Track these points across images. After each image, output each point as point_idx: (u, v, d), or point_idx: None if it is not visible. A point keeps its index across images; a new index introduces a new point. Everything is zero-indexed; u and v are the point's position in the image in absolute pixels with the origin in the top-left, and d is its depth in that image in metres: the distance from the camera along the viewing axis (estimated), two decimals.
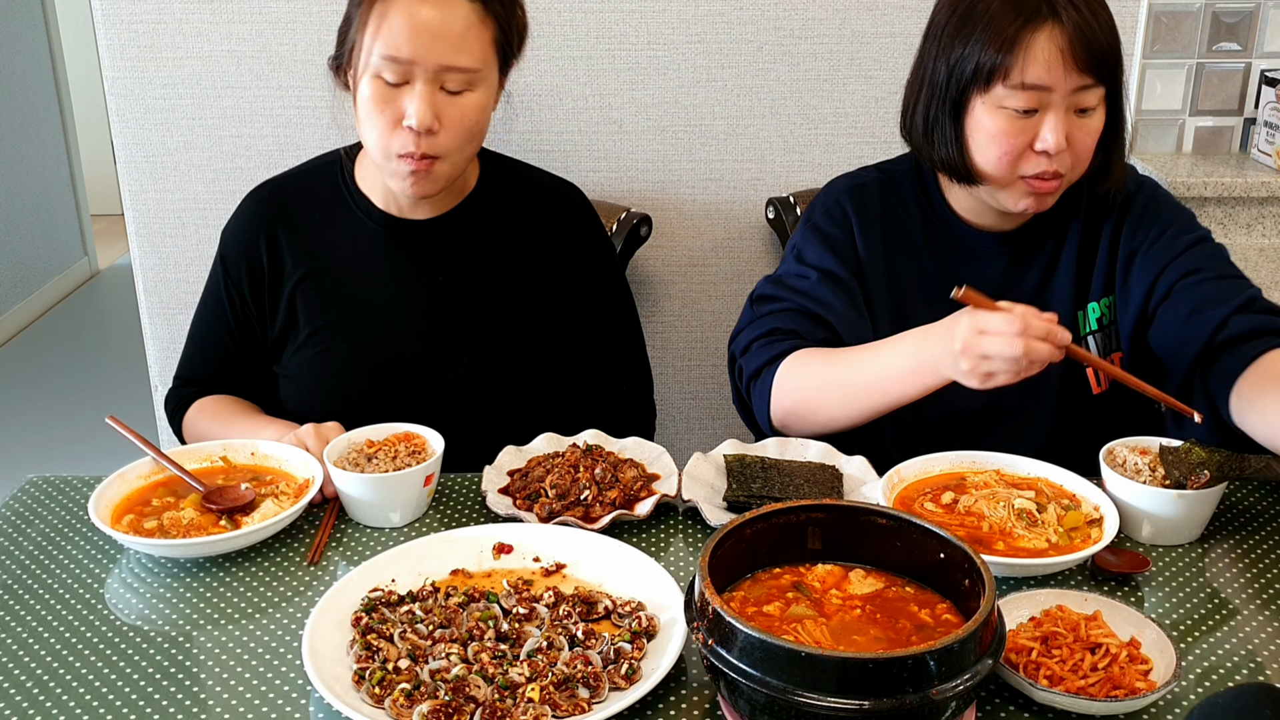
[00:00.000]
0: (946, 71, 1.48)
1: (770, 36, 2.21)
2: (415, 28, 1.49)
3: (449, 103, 1.52)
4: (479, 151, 1.71)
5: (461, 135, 1.54)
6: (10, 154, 5.04)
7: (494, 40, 1.55)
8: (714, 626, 0.99)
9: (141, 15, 2.17)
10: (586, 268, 1.75)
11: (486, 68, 1.54)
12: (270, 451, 1.49)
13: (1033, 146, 1.46)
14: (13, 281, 5.08)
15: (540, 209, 1.73)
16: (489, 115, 1.59)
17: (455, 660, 1.11)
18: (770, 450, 1.49)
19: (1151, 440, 1.40)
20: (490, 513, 1.41)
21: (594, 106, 2.25)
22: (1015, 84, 1.44)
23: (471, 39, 1.51)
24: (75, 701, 1.11)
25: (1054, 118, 1.45)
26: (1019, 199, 1.51)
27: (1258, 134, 2.27)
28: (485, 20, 1.53)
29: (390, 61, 1.49)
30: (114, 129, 2.25)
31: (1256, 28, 2.26)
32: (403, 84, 1.51)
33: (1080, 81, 1.44)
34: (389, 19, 1.50)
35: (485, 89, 1.55)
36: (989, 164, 1.49)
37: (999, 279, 1.60)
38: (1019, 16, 1.43)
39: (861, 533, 1.13)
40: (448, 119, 1.52)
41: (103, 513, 1.35)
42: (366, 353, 1.68)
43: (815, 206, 1.66)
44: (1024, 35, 1.42)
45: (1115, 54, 1.47)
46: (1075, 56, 1.42)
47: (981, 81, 1.46)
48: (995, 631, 0.99)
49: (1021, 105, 1.45)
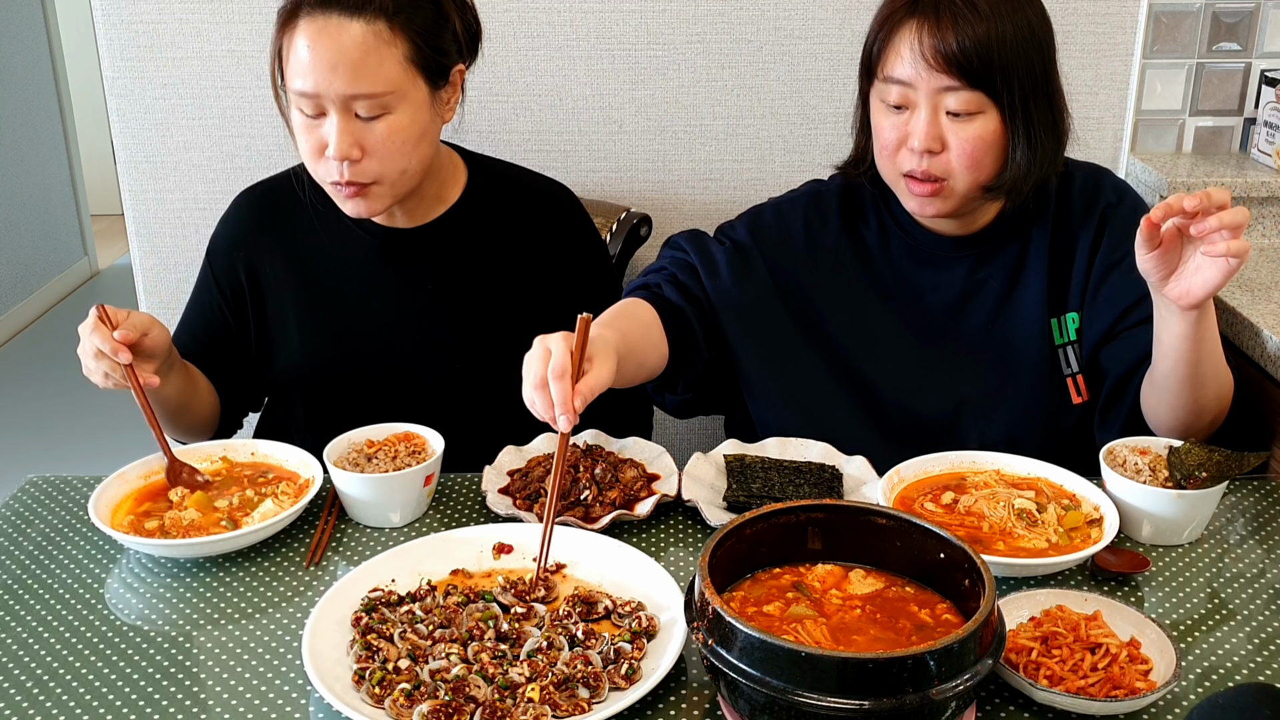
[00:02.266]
0: (861, 60, 1.51)
1: (770, 36, 2.21)
2: (312, 60, 1.44)
3: (367, 129, 1.47)
4: (467, 155, 1.70)
5: (389, 158, 1.50)
6: (10, 154, 5.04)
7: (405, 57, 1.47)
8: (714, 626, 0.99)
9: (141, 15, 2.17)
10: (578, 269, 1.73)
11: (401, 87, 1.47)
12: (270, 451, 1.49)
13: (907, 144, 1.46)
14: (13, 281, 5.08)
15: (529, 212, 1.71)
16: (423, 128, 1.52)
17: (455, 660, 1.11)
18: (770, 450, 1.49)
19: (1151, 440, 1.40)
20: (490, 513, 1.41)
21: (594, 106, 2.25)
22: (883, 77, 1.44)
23: (373, 63, 1.45)
24: (75, 701, 1.11)
25: (918, 116, 1.43)
26: (905, 198, 1.51)
27: (1258, 134, 2.27)
28: (392, 39, 1.46)
29: (299, 95, 1.47)
30: (114, 129, 2.25)
31: (1256, 28, 2.26)
32: (320, 115, 1.47)
33: (942, 82, 1.40)
34: (293, 51, 1.47)
35: (406, 108, 1.49)
36: (878, 157, 1.50)
37: (961, 284, 1.57)
38: (899, 9, 1.43)
39: (861, 533, 1.13)
40: (369, 145, 1.48)
41: (103, 513, 1.35)
42: (357, 360, 1.67)
43: (781, 201, 1.67)
44: (893, 27, 1.43)
45: (987, 58, 1.39)
46: (934, 56, 1.39)
47: (866, 72, 1.48)
48: (995, 631, 0.99)
49: (893, 100, 1.45)
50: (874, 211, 1.61)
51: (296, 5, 1.47)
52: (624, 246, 2.09)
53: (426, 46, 1.49)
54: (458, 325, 1.67)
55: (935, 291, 1.58)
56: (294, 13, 1.47)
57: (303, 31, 1.45)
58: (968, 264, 1.57)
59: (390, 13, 1.46)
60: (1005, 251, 1.57)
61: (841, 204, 1.63)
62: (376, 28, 1.45)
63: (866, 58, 1.49)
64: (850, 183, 1.64)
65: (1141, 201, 1.61)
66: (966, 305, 1.57)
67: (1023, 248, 1.57)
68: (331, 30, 1.44)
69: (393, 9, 1.46)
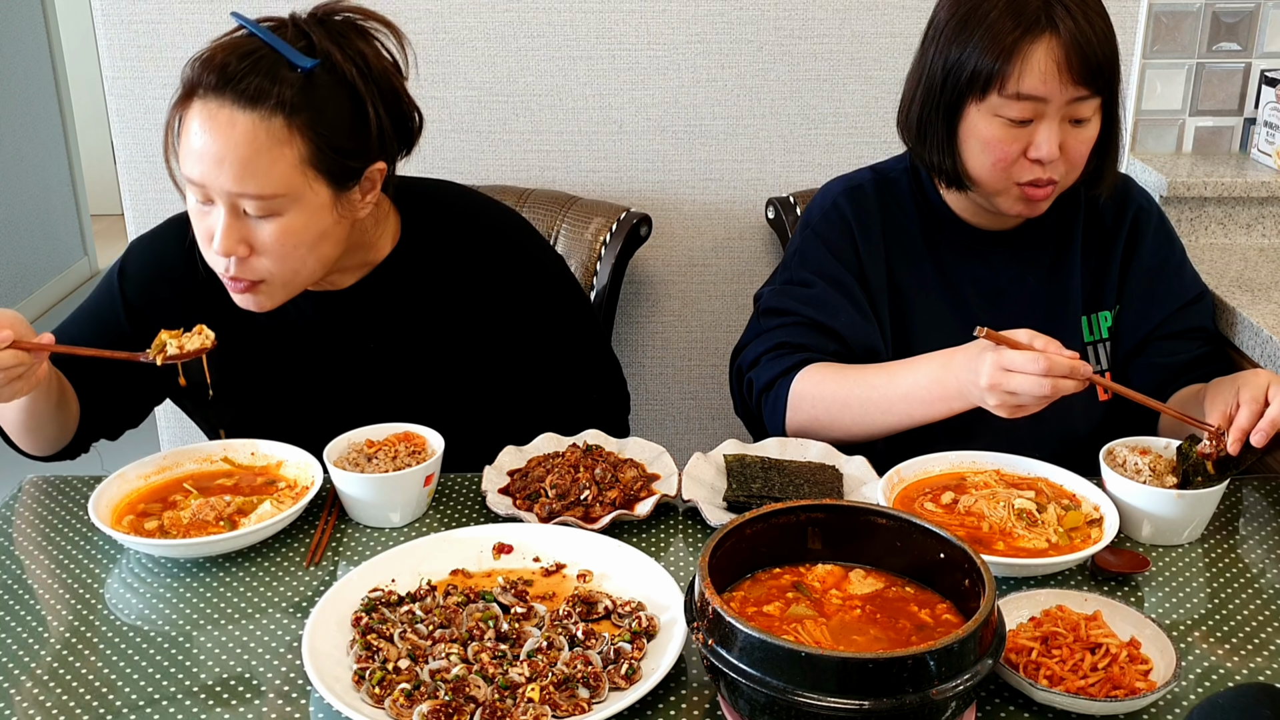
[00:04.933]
0: (943, 75, 1.48)
1: (770, 36, 2.21)
2: (200, 150, 1.32)
3: (255, 227, 1.35)
4: (403, 198, 1.55)
5: (279, 260, 1.37)
6: (10, 154, 5.03)
7: (303, 159, 1.33)
8: (714, 626, 0.99)
9: (141, 15, 2.17)
10: (533, 301, 1.60)
11: (293, 190, 1.34)
12: (270, 451, 1.49)
13: (1026, 154, 1.46)
14: (13, 281, 5.07)
15: (469, 253, 1.57)
16: (322, 230, 1.38)
17: (455, 660, 1.11)
18: (770, 450, 1.49)
19: (1151, 440, 1.41)
20: (490, 513, 1.41)
21: (594, 106, 2.25)
22: (1011, 94, 1.44)
23: (264, 164, 1.31)
24: (75, 701, 1.11)
25: (1048, 127, 1.45)
26: (1012, 204, 1.52)
27: (1258, 134, 2.27)
28: (288, 138, 1.32)
29: (189, 182, 1.35)
30: (114, 129, 2.25)
31: (1256, 28, 2.26)
32: (208, 202, 1.36)
33: (1076, 93, 1.43)
34: (184, 134, 1.35)
35: (299, 211, 1.35)
36: (982, 170, 1.49)
37: (999, 278, 1.60)
38: (1017, 26, 1.42)
39: (861, 533, 1.13)
40: (258, 243, 1.36)
41: (103, 513, 1.35)
42: (302, 412, 1.57)
43: (813, 210, 1.66)
44: (1021, 46, 1.42)
45: (1112, 65, 1.46)
46: (1072, 69, 1.42)
47: (978, 89, 1.46)
48: (995, 631, 0.99)
49: (1017, 115, 1.45)
50: (914, 204, 1.63)
51: (193, 84, 1.34)
52: (624, 246, 2.08)
53: (331, 150, 1.35)
54: (402, 380, 1.57)
55: (974, 284, 1.61)
56: (190, 92, 1.35)
57: (195, 115, 1.33)
58: (1004, 258, 1.61)
59: (290, 110, 1.32)
60: (1041, 248, 1.61)
61: (880, 197, 1.63)
62: (271, 125, 1.31)
63: (971, 79, 1.45)
64: (886, 175, 1.65)
65: (1164, 214, 1.68)
66: (1001, 299, 1.59)
67: (1061, 246, 1.62)
68: (222, 121, 1.31)
69: (293, 106, 1.32)
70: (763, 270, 2.33)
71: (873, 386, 1.46)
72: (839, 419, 1.48)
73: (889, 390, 1.44)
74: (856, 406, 1.46)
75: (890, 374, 1.46)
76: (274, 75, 1.33)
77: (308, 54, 1.36)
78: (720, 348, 2.40)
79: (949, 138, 1.50)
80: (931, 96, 1.51)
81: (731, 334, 2.37)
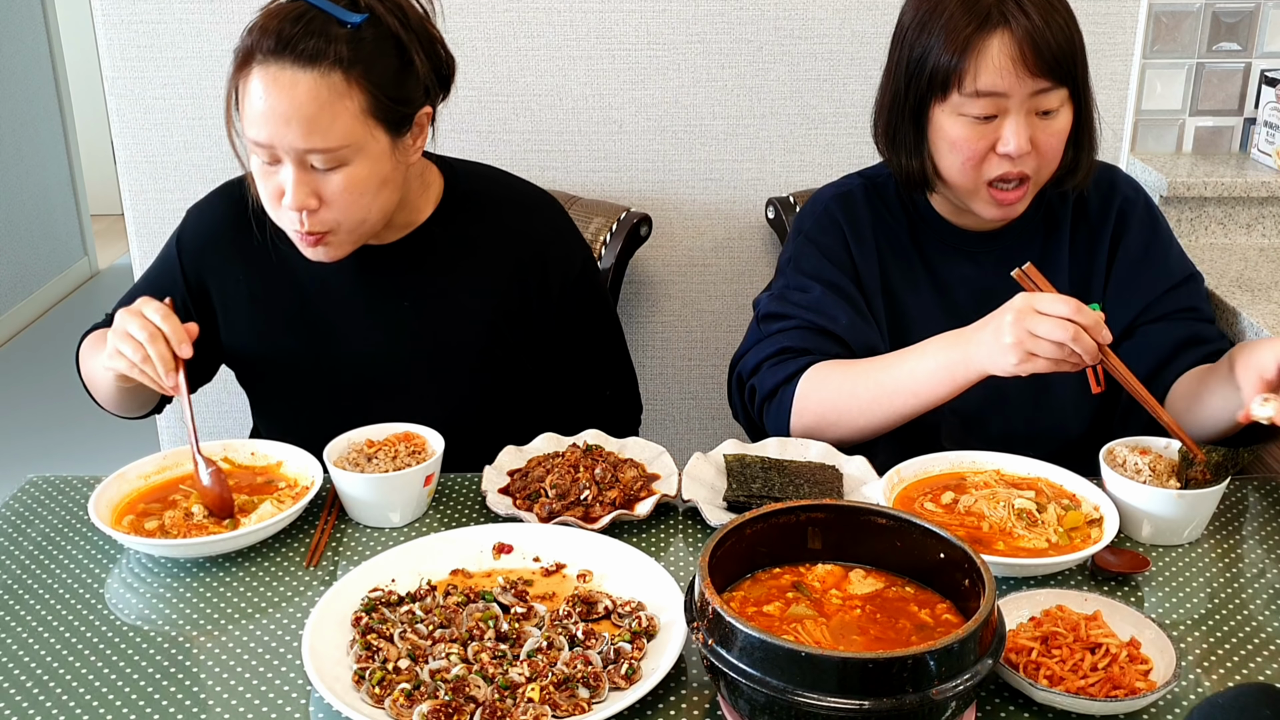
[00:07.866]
0: (906, 77, 1.49)
1: (770, 36, 2.21)
2: (265, 112, 1.38)
3: (324, 180, 1.42)
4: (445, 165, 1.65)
5: (347, 209, 1.45)
6: (10, 154, 5.04)
7: (363, 110, 1.41)
8: (714, 626, 0.99)
9: (141, 15, 2.17)
10: (562, 282, 1.65)
11: (358, 140, 1.41)
12: (270, 451, 1.49)
13: (995, 150, 1.46)
14: (13, 281, 5.07)
15: (507, 224, 1.64)
16: (384, 176, 1.46)
17: (455, 660, 1.11)
18: (770, 450, 1.49)
19: (1151, 440, 1.41)
20: (490, 513, 1.41)
21: (594, 106, 2.25)
22: (970, 92, 1.43)
23: (327, 118, 1.38)
24: (75, 701, 1.11)
25: (1014, 122, 1.44)
26: (984, 207, 1.52)
27: (1258, 134, 2.27)
28: (347, 91, 1.39)
29: (254, 144, 1.42)
30: (114, 129, 2.25)
31: (1256, 28, 2.26)
32: (275, 163, 1.42)
33: (1036, 85, 1.43)
34: (247, 99, 1.41)
35: (364, 160, 1.43)
36: (953, 170, 1.49)
37: (988, 277, 1.60)
38: (970, 22, 1.42)
39: (861, 533, 1.13)
40: (327, 195, 1.43)
41: (103, 513, 1.35)
42: (336, 374, 1.63)
43: (804, 217, 1.66)
44: (975, 41, 1.42)
45: (1072, 54, 1.44)
46: (1028, 62, 1.41)
47: (938, 89, 1.46)
48: (995, 631, 0.99)
49: (980, 112, 1.44)
50: (901, 208, 1.63)
51: (250, 51, 1.40)
52: (624, 246, 2.09)
53: (386, 98, 1.43)
54: (434, 340, 1.62)
55: (964, 284, 1.61)
56: (248, 59, 1.40)
57: (256, 80, 1.39)
58: (994, 258, 1.60)
59: (346, 64, 1.39)
60: (1029, 244, 1.61)
61: (869, 201, 1.63)
62: (331, 80, 1.38)
63: (930, 79, 1.46)
64: (874, 180, 1.65)
65: (1151, 200, 1.65)
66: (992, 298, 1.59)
67: (1048, 242, 1.61)
68: (284, 82, 1.37)
69: (349, 60, 1.39)
70: (763, 270, 2.33)
71: (877, 372, 1.46)
72: (848, 411, 1.48)
73: (894, 372, 1.44)
74: (863, 396, 1.46)
75: (894, 359, 1.46)
76: (326, 34, 1.39)
77: (352, 9, 1.42)
78: (720, 348, 2.40)
79: (918, 141, 1.51)
80: (899, 100, 1.51)
81: (731, 334, 2.38)
